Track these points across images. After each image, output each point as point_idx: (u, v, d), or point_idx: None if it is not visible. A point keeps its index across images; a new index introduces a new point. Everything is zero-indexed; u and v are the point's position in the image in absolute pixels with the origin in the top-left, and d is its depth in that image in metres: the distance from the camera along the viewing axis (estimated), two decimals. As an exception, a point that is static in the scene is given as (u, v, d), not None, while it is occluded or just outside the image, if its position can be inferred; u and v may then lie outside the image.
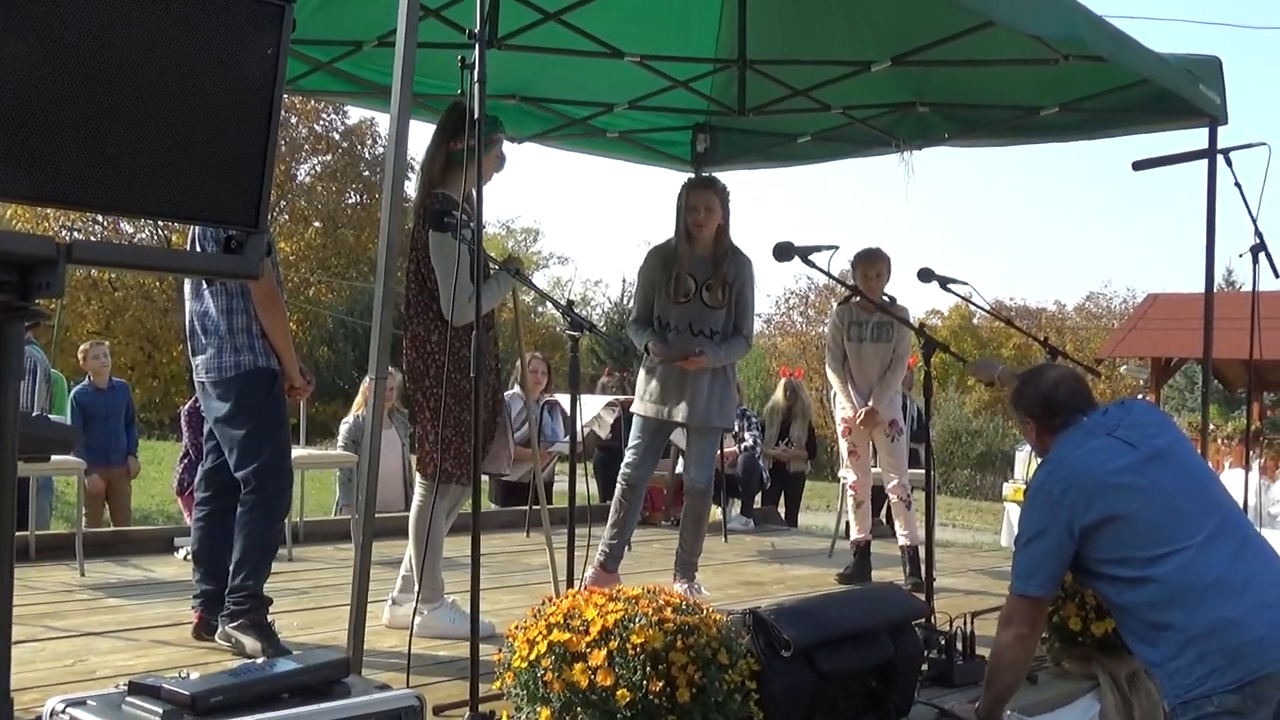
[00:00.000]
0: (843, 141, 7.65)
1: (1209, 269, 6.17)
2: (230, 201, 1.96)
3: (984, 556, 7.98)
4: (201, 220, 1.96)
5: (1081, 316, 48.38)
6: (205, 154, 1.92)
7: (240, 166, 1.97)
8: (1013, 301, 48.58)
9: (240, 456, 4.39)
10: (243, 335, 4.34)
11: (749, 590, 6.14)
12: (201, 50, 1.91)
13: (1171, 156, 6.07)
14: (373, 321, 3.16)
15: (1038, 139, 7.21)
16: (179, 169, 1.89)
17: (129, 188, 1.85)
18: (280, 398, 4.49)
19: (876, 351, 6.38)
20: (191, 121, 1.90)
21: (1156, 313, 18.84)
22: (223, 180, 1.95)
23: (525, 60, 6.35)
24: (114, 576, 5.87)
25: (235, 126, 1.95)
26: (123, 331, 33.22)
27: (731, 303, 5.41)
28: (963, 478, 31.61)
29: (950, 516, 21.48)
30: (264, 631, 4.33)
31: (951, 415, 34.35)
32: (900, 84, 6.85)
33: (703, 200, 5.38)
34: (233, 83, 1.95)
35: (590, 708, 3.07)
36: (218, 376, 4.38)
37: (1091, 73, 5.97)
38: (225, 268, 2.03)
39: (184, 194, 1.91)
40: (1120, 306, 44.30)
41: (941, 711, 3.76)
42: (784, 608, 3.51)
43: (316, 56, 6.21)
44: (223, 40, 1.94)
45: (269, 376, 4.40)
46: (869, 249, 6.31)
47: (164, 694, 2.41)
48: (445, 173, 4.58)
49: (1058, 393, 3.67)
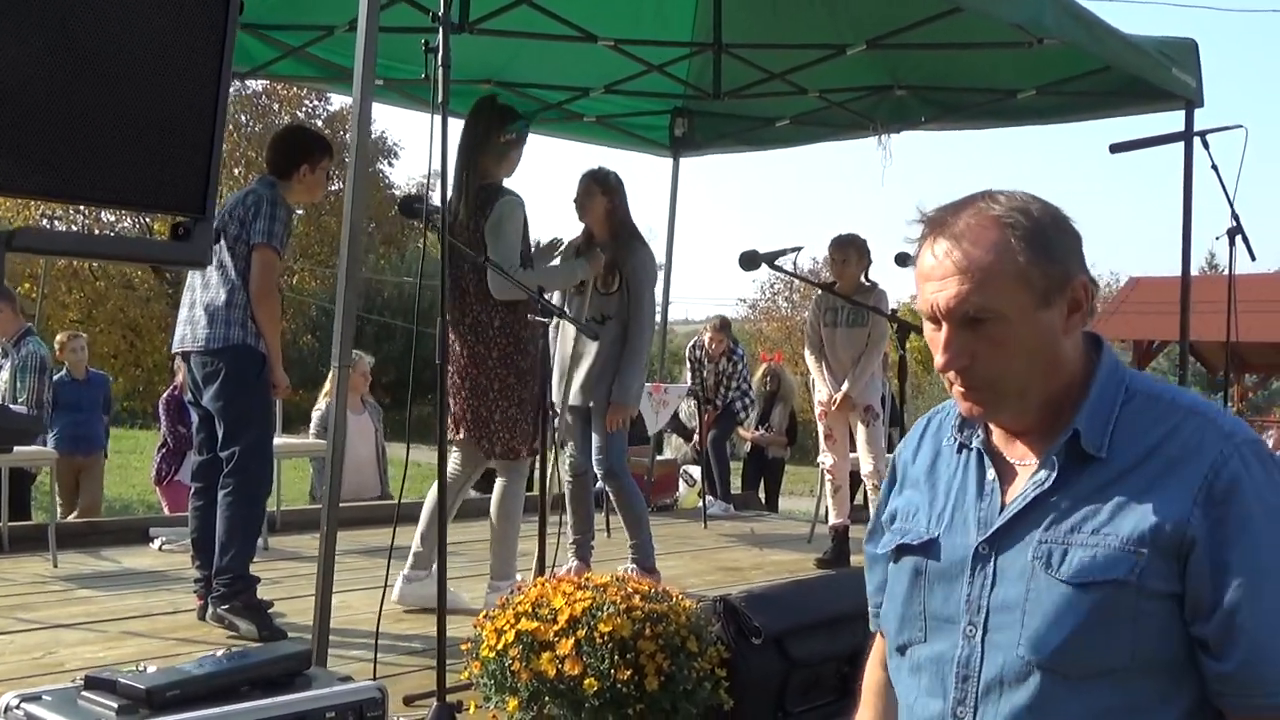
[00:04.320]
0: (821, 125, 7.62)
1: (1185, 252, 6.17)
2: (177, 188, 1.91)
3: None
4: (147, 207, 1.90)
5: (1065, 300, 48.50)
6: (149, 139, 1.87)
7: (186, 151, 1.91)
8: (997, 285, 48.69)
9: (226, 434, 4.50)
10: (238, 311, 4.47)
11: (727, 576, 6.13)
12: (143, 31, 1.86)
13: (1148, 139, 6.06)
14: (336, 307, 3.12)
15: (1015, 122, 7.20)
16: (121, 155, 1.84)
17: (69, 175, 1.80)
18: (266, 382, 4.59)
19: (851, 336, 6.38)
20: (134, 105, 1.85)
21: (1138, 296, 18.89)
22: (168, 166, 1.90)
23: (499, 44, 6.30)
24: (87, 568, 5.82)
25: (180, 110, 1.91)
26: (105, 321, 33.02)
27: (625, 290, 5.39)
28: (946, 461, 31.67)
29: (934, 500, 21.50)
30: (256, 613, 4.41)
31: (935, 398, 34.34)
32: (877, 67, 6.82)
33: (581, 188, 5.46)
34: (177, 64, 1.90)
35: (558, 697, 3.05)
36: (206, 346, 4.48)
37: (1068, 56, 5.94)
38: (174, 256, 1.98)
39: (128, 180, 1.86)
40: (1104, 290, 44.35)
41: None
42: (754, 595, 3.50)
43: (288, 41, 6.16)
44: (166, 20, 1.89)
45: (257, 358, 4.50)
46: (838, 236, 6.31)
47: (120, 688, 2.37)
48: (487, 165, 4.78)
49: None
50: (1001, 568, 1.66)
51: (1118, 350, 9.63)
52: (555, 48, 6.37)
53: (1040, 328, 1.62)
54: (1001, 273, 1.61)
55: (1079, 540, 1.60)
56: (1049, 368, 1.65)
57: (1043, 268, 1.61)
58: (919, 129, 7.31)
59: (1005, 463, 1.74)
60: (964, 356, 1.65)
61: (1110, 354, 1.72)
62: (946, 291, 1.64)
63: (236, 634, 4.35)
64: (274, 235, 4.48)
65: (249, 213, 4.49)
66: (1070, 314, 1.64)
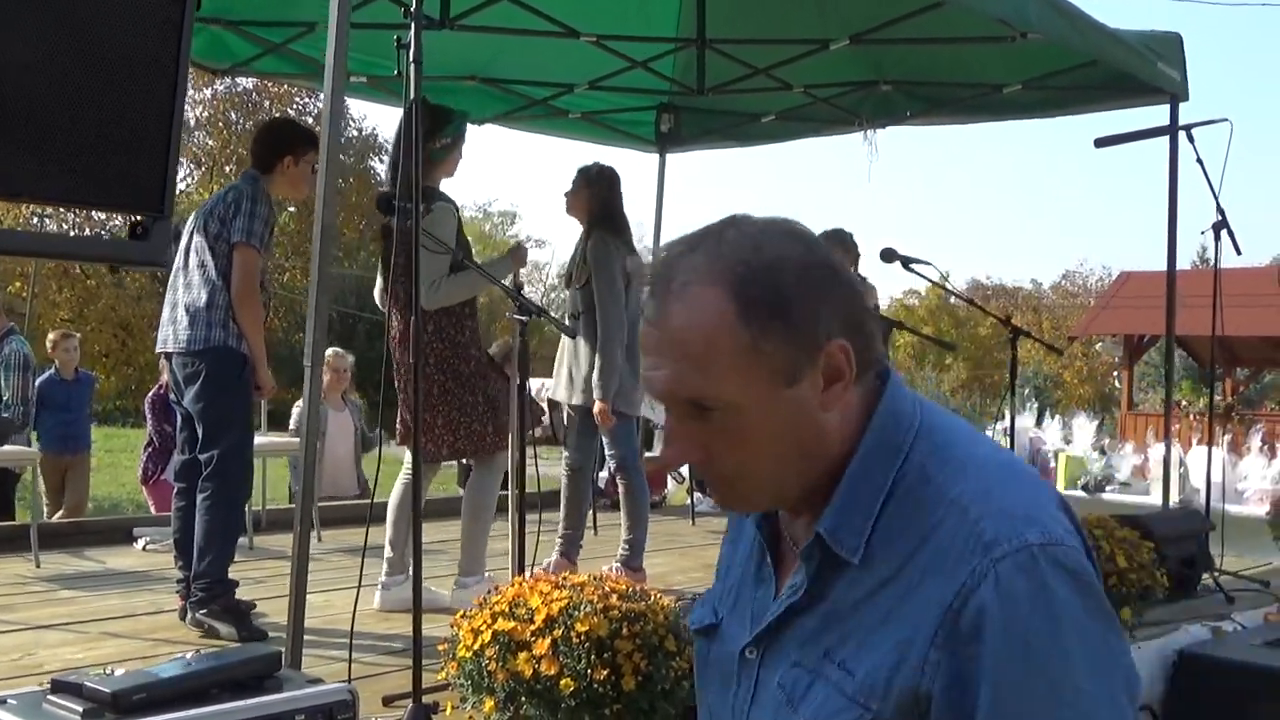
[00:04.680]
0: (806, 120, 7.62)
1: (1171, 246, 6.15)
2: (134, 186, 1.88)
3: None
4: (103, 206, 1.88)
5: (1058, 295, 48.58)
6: (105, 135, 1.84)
7: (143, 148, 1.88)
8: (989, 280, 48.81)
9: (205, 436, 4.47)
10: (219, 312, 4.42)
11: (711, 574, 6.09)
12: (97, 26, 1.83)
13: (1133, 133, 6.06)
14: (309, 304, 3.10)
15: (1001, 117, 7.18)
16: (75, 152, 1.81)
17: (20, 173, 1.78)
18: (248, 384, 4.55)
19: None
20: (88, 100, 1.82)
21: (1129, 290, 18.91)
22: (124, 163, 1.87)
23: (483, 41, 6.28)
24: (70, 568, 5.79)
25: (136, 106, 1.87)
26: (96, 319, 32.97)
27: (590, 283, 5.38)
28: (940, 457, 31.64)
29: (927, 495, 21.51)
30: (236, 615, 4.39)
31: (929, 394, 34.35)
32: (862, 62, 6.81)
33: (571, 183, 5.50)
34: (132, 58, 1.87)
35: (534, 697, 3.03)
36: (186, 348, 4.44)
37: (1053, 50, 5.92)
38: (132, 255, 1.95)
39: (83, 179, 1.83)
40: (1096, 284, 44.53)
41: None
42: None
43: (269, 38, 6.13)
44: (121, 15, 1.86)
45: (238, 360, 4.46)
46: (822, 232, 6.29)
47: (85, 691, 2.36)
48: (427, 169, 4.65)
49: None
50: (763, 682, 1.39)
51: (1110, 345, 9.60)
52: (539, 44, 6.34)
53: (786, 411, 1.29)
54: (723, 350, 1.26)
55: (827, 672, 1.30)
56: (806, 453, 1.32)
57: (780, 338, 1.26)
58: (904, 124, 7.30)
59: (787, 544, 1.45)
60: (695, 450, 1.34)
61: (883, 420, 1.34)
62: (659, 372, 1.31)
63: (217, 637, 4.32)
64: (253, 234, 4.44)
65: (229, 210, 4.44)
66: (828, 385, 1.29)
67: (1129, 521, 4.86)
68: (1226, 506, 6.57)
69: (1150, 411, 18.45)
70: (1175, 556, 5.24)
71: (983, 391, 35.82)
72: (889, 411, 1.34)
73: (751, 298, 1.25)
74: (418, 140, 3.11)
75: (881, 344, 1.32)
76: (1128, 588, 4.31)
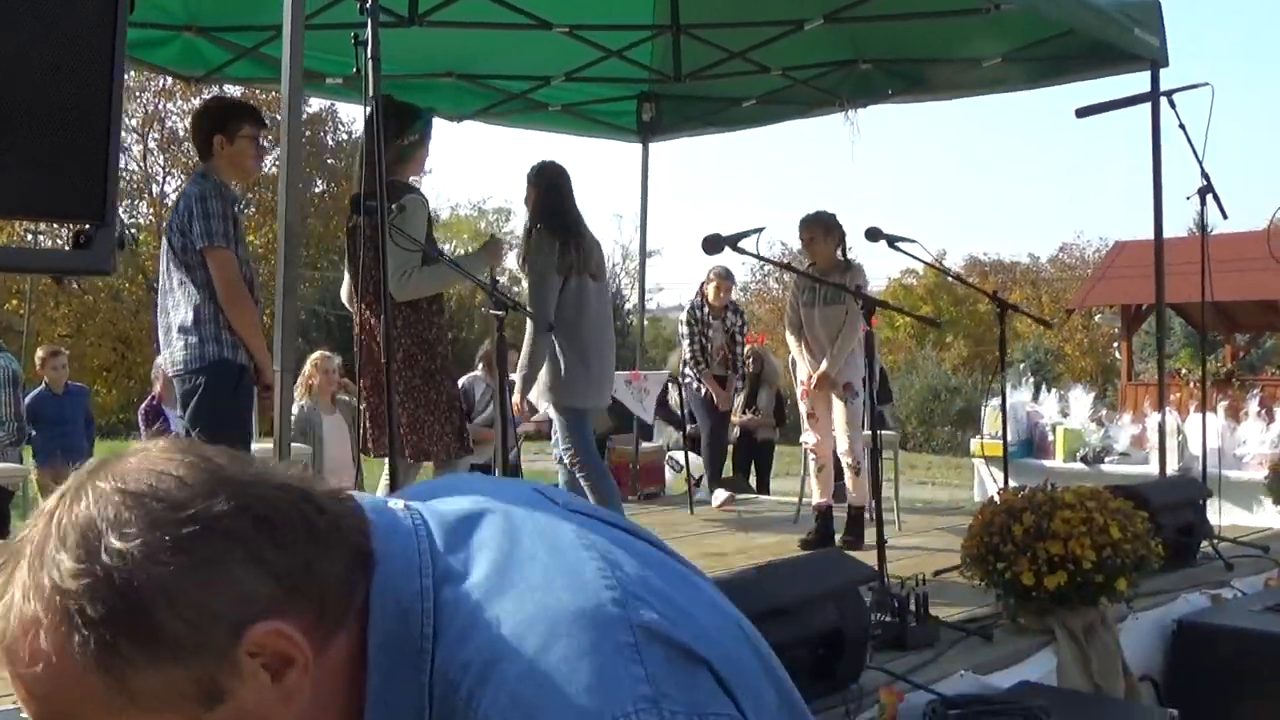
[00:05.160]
0: (787, 104, 7.60)
1: (1157, 213, 6.12)
2: (73, 195, 1.85)
3: (952, 516, 7.92)
4: (43, 216, 1.84)
5: (1055, 268, 48.45)
6: (37, 141, 1.81)
7: (79, 154, 1.85)
8: (986, 256, 48.66)
9: None
10: (209, 326, 4.33)
11: (709, 562, 6.06)
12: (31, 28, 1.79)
13: (1114, 101, 6.02)
14: (275, 311, 3.07)
15: (981, 91, 7.15)
16: (10, 161, 1.78)
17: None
18: (248, 392, 4.47)
19: (828, 315, 6.35)
20: (17, 105, 1.78)
21: (1124, 260, 18.83)
22: (61, 172, 1.83)
23: (457, 37, 6.26)
24: (64, 583, 5.77)
25: (70, 113, 1.84)
26: (94, 334, 32.98)
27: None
28: (943, 435, 31.62)
29: (930, 474, 21.51)
30: None
31: (930, 373, 34.40)
32: (840, 42, 6.78)
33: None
34: (63, 62, 1.83)
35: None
36: (183, 369, 4.38)
37: (1030, 21, 5.90)
38: (76, 265, 1.93)
39: (18, 189, 1.80)
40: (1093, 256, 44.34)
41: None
42: (720, 581, 3.43)
43: (241, 43, 6.10)
44: (53, 18, 1.82)
45: (235, 370, 4.36)
46: (805, 215, 6.27)
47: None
48: (392, 166, 4.59)
49: None
50: None
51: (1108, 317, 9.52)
52: (513, 37, 6.32)
53: None
54: (84, 710, 0.92)
55: None
56: None
57: (158, 665, 0.90)
58: (886, 102, 7.26)
59: None
60: None
61: (381, 656, 0.98)
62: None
63: None
64: (214, 234, 4.29)
65: (184, 219, 4.33)
66: (278, 679, 0.94)
67: (1123, 492, 4.82)
68: (1225, 472, 6.54)
69: (1150, 381, 18.39)
70: (1172, 525, 5.21)
71: (984, 368, 35.69)
72: (385, 634, 0.98)
73: (94, 632, 0.89)
74: (379, 135, 3.08)
75: (331, 572, 0.97)
76: (1122, 559, 4.27)
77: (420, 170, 4.80)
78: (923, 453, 29.05)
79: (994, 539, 4.41)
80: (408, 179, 4.75)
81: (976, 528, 4.52)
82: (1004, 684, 3.93)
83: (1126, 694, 4.33)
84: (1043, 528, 4.32)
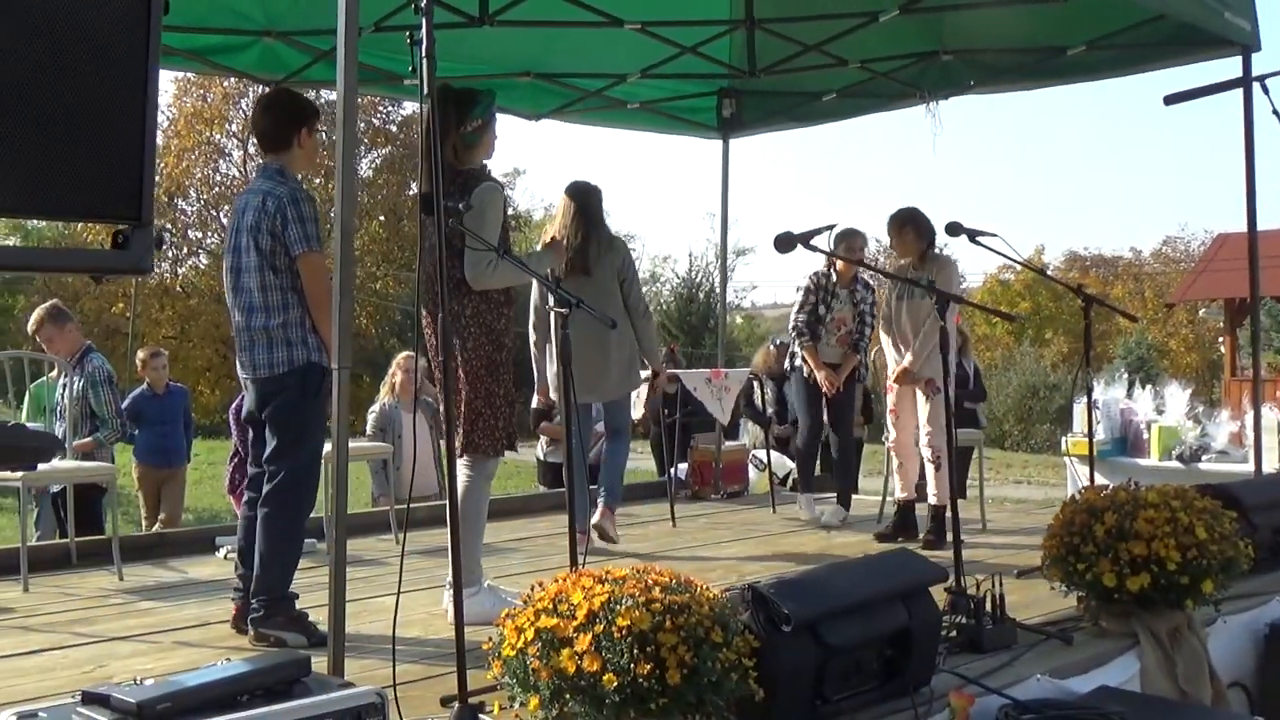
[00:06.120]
0: (867, 96, 7.51)
1: (1250, 203, 5.92)
2: (110, 196, 1.86)
3: (1041, 515, 7.74)
4: (81, 217, 1.86)
5: (1159, 261, 47.31)
6: (78, 147, 1.82)
7: (118, 157, 1.86)
8: (1087, 251, 47.71)
9: (278, 449, 4.39)
10: (296, 329, 4.34)
11: (788, 561, 6.02)
12: (65, 35, 1.80)
13: (1204, 88, 5.81)
14: (332, 311, 3.08)
15: (1066, 80, 6.98)
16: (49, 164, 1.79)
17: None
18: (327, 396, 4.44)
19: (914, 309, 6.30)
20: (59, 113, 1.80)
21: (1227, 253, 18.32)
22: (99, 173, 1.85)
23: (533, 36, 6.27)
24: (151, 579, 5.89)
25: (108, 115, 1.85)
26: (198, 335, 33.74)
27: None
28: (1042, 433, 30.97)
29: (1026, 473, 21.10)
30: (300, 624, 4.37)
31: (1028, 370, 33.73)
32: (920, 33, 6.67)
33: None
34: (102, 69, 1.84)
35: (579, 694, 2.98)
36: (269, 373, 4.37)
37: (1118, 7, 5.76)
38: (115, 265, 1.94)
39: (57, 191, 1.81)
40: (1198, 249, 43.17)
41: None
42: (784, 581, 3.39)
43: (317, 46, 6.17)
44: (87, 24, 1.83)
45: (320, 372, 4.37)
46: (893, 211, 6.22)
47: (113, 703, 2.37)
48: (460, 155, 4.60)
49: None
50: None
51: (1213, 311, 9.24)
52: (588, 35, 6.31)
53: None
54: None
55: None
56: None
57: None
58: (968, 93, 7.13)
59: None
60: None
61: None
62: None
63: (284, 646, 4.30)
64: (311, 238, 4.30)
65: (274, 222, 4.28)
66: None
67: (1212, 491, 4.67)
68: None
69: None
70: (1267, 525, 5.05)
71: (1082, 365, 34.94)
72: None
73: None
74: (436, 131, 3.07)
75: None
76: (1208, 560, 4.13)
77: (489, 154, 4.68)
78: (1020, 451, 28.50)
79: (1074, 539, 4.30)
80: (478, 164, 4.66)
81: (1056, 527, 4.41)
82: (1083, 689, 3.82)
83: (1214, 700, 4.19)
84: (1125, 528, 4.20)
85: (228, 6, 5.87)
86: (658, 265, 45.11)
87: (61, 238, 30.42)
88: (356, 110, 3.07)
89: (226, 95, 32.76)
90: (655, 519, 7.45)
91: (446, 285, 3.24)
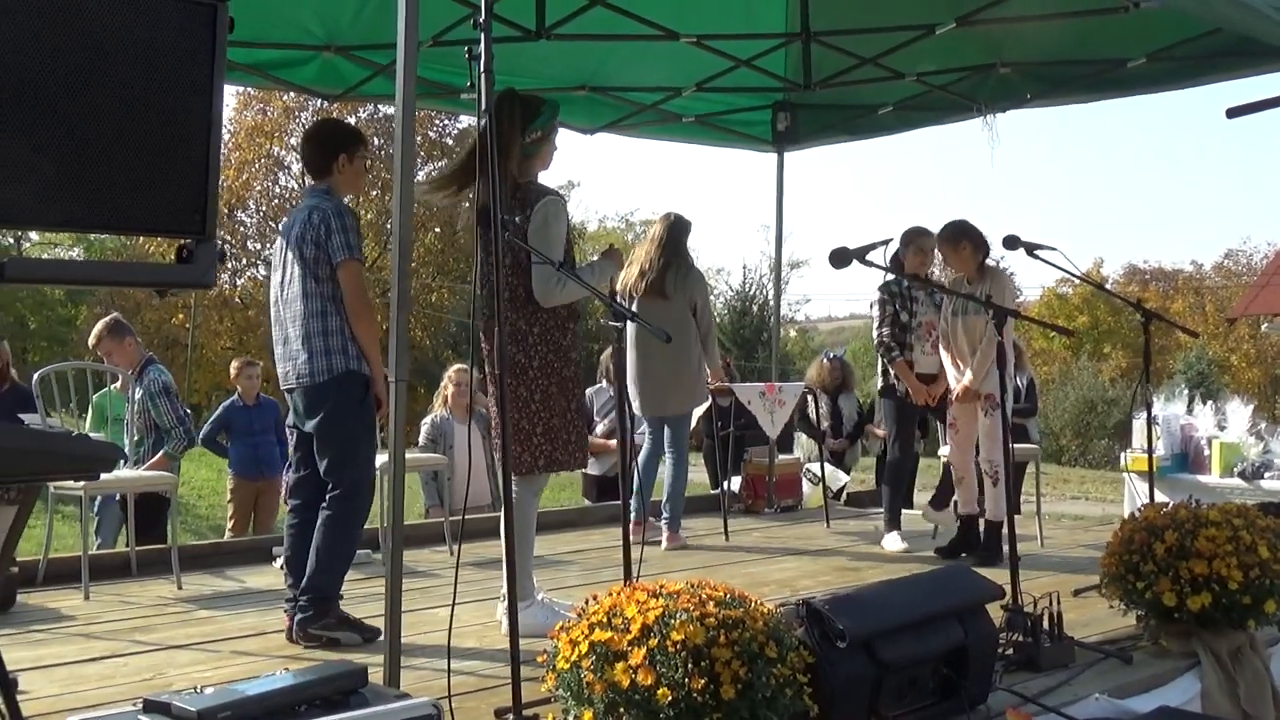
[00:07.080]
0: (924, 110, 7.47)
1: (1315, 216, 5.82)
2: (176, 210, 1.90)
3: (1100, 532, 7.64)
4: (148, 231, 1.90)
5: (1221, 275, 46.62)
6: (144, 162, 1.86)
7: (183, 172, 1.90)
8: (1147, 264, 47.14)
9: (333, 463, 4.47)
10: (336, 338, 4.42)
11: (841, 576, 5.98)
12: (134, 54, 1.85)
13: (1267, 100, 5.73)
14: (389, 323, 3.11)
15: (1125, 92, 6.90)
16: (117, 179, 1.84)
17: (63, 202, 1.80)
18: (372, 404, 4.53)
19: (970, 325, 6.23)
20: (127, 129, 1.84)
21: (1291, 266, 17.99)
22: (165, 188, 1.89)
23: (589, 49, 6.31)
24: (209, 588, 5.95)
25: (174, 131, 1.89)
26: (256, 347, 34.07)
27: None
28: (1100, 449, 30.58)
29: (1084, 489, 20.84)
30: (350, 623, 4.44)
31: (1086, 384, 33.33)
32: (977, 46, 6.63)
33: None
34: (169, 86, 1.88)
35: (633, 708, 2.98)
36: (310, 382, 4.45)
37: (1177, 19, 5.69)
38: (177, 278, 1.98)
39: (124, 205, 1.85)
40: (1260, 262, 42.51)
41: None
42: (839, 596, 3.38)
43: (376, 60, 6.24)
44: (156, 43, 1.87)
45: (362, 381, 4.46)
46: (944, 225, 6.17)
47: (174, 711, 2.39)
48: (521, 165, 4.56)
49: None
50: None
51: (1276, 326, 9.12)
52: (643, 48, 6.34)
53: None
54: None
55: None
56: None
57: None
58: (1025, 106, 7.07)
59: None
60: None
61: None
62: None
63: (337, 647, 4.35)
64: (352, 247, 4.42)
65: (319, 232, 4.41)
66: None
67: (1275, 509, 4.60)
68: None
69: (1321, 393, 17.53)
70: (1333, 544, 4.94)
71: (1140, 379, 34.49)
72: None
73: None
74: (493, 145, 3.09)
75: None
76: (1272, 580, 4.06)
77: (546, 166, 4.65)
78: (1078, 467, 28.16)
79: (1134, 557, 4.25)
80: (536, 176, 4.62)
81: (1115, 545, 4.36)
82: (1142, 708, 3.77)
83: (1278, 723, 4.12)
84: (1186, 546, 4.15)
85: (289, 21, 5.95)
86: (711, 278, 45.00)
87: (123, 249, 30.84)
88: (414, 127, 3.09)
89: (287, 109, 33.16)
90: (709, 532, 7.43)
91: (502, 298, 3.24)
